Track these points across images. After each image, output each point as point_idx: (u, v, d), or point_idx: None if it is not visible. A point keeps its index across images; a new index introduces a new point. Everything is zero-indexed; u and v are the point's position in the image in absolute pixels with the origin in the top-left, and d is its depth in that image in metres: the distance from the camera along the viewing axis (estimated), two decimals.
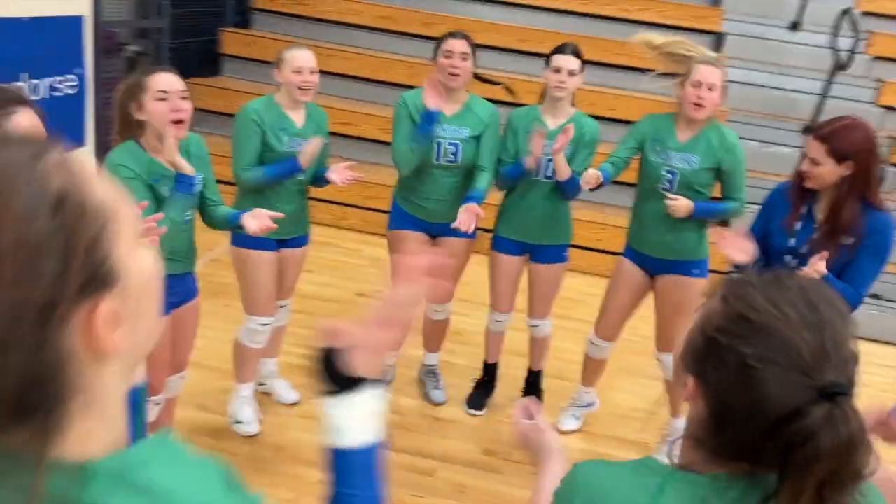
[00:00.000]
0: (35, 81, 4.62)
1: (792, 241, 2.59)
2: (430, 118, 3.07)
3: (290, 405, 3.51)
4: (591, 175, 3.03)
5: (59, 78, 4.84)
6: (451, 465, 3.25)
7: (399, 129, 3.23)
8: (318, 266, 5.14)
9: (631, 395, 3.94)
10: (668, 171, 3.02)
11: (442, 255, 2.47)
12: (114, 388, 0.66)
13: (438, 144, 3.20)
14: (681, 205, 2.91)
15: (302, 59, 2.99)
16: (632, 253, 3.25)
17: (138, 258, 0.66)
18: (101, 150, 5.49)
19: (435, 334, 3.65)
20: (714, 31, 7.02)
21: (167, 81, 2.40)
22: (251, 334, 3.19)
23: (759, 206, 2.76)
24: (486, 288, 3.60)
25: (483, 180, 3.25)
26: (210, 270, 4.68)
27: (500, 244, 3.41)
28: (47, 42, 4.64)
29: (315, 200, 5.92)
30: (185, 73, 6.96)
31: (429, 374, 3.72)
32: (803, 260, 2.53)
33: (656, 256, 3.16)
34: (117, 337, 0.63)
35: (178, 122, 2.40)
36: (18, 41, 4.40)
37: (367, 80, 6.71)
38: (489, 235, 3.52)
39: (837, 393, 0.83)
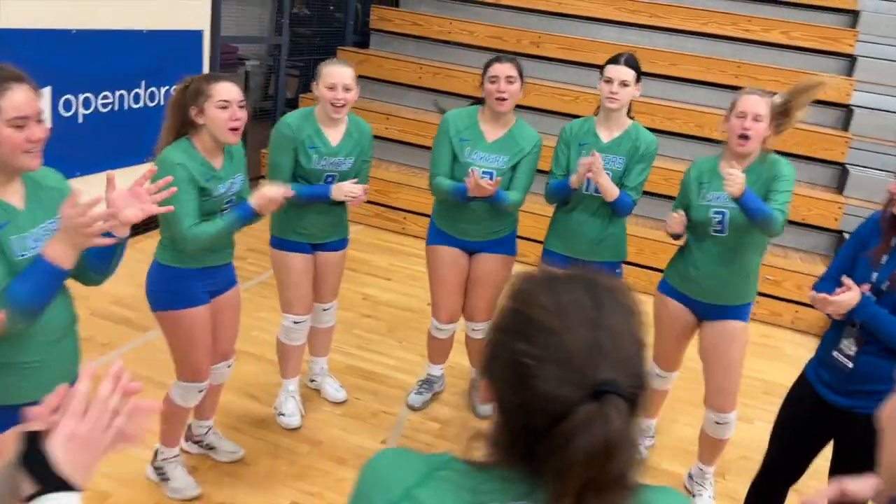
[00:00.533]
0: (152, 88, 5.05)
1: (875, 276, 2.33)
2: (465, 196, 3.09)
3: (335, 404, 3.57)
4: (676, 220, 2.87)
5: (167, 87, 5.26)
6: None
7: (439, 151, 3.22)
8: (401, 276, 5.23)
9: (694, 429, 3.69)
10: (717, 213, 2.82)
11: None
12: None
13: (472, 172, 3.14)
14: (738, 179, 2.62)
15: (337, 74, 2.96)
16: (676, 294, 3.02)
17: None
18: None
19: (476, 352, 3.60)
20: (845, 53, 6.50)
21: (229, 91, 2.50)
22: (287, 332, 3.28)
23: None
24: None
25: (512, 194, 3.18)
26: None
27: (550, 258, 3.31)
28: (166, 53, 5.06)
29: (413, 215, 6.09)
30: (304, 89, 7.32)
31: (475, 387, 3.65)
32: (882, 297, 2.25)
33: (705, 301, 2.94)
34: None
35: (235, 129, 2.53)
36: (138, 51, 4.83)
37: (478, 98, 6.77)
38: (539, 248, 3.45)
39: (605, 392, 0.77)
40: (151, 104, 5.08)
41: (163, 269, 2.61)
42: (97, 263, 1.92)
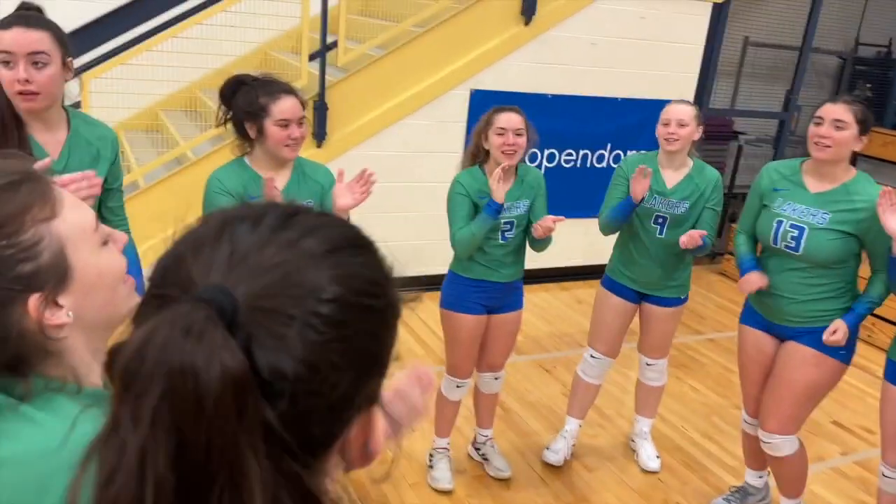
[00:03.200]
0: (618, 151, 5.47)
1: None
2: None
3: (645, 472, 3.34)
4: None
5: (644, 151, 5.54)
6: None
7: (748, 205, 2.76)
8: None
9: None
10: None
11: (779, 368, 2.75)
12: (76, 349, 0.87)
13: (778, 224, 2.58)
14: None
15: (672, 111, 2.95)
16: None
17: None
18: None
19: (778, 466, 2.87)
20: None
21: (507, 119, 2.80)
22: (583, 364, 3.28)
23: None
24: None
25: (875, 287, 2.49)
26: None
27: (892, 372, 2.49)
28: (640, 120, 5.40)
29: (882, 321, 4.98)
30: None
31: None
32: None
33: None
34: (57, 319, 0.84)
35: (507, 152, 2.79)
36: (610, 117, 5.31)
37: None
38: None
39: None
40: (615, 165, 5.47)
41: (450, 274, 3.01)
42: None
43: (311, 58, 4.57)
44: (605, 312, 3.20)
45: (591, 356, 3.25)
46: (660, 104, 5.52)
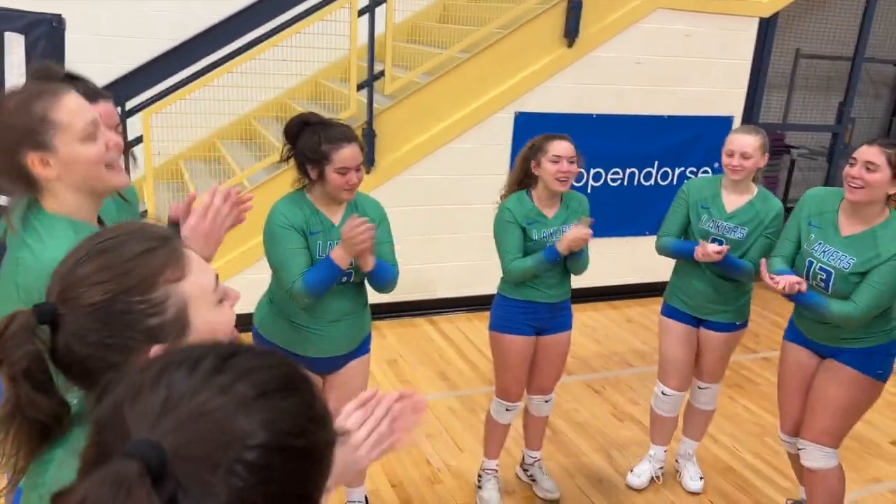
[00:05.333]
0: (666, 169, 5.45)
1: None
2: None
3: (689, 493, 3.33)
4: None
5: (692, 168, 5.52)
6: None
7: (789, 232, 2.76)
8: None
9: None
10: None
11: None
12: (63, 193, 1.42)
13: (809, 264, 2.60)
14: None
15: (737, 142, 2.94)
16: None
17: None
18: None
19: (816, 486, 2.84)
20: None
21: (563, 147, 2.81)
22: (655, 400, 3.29)
23: None
24: None
25: (845, 306, 2.52)
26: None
27: None
28: (688, 137, 5.39)
29: None
30: None
31: None
32: None
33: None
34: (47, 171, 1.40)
35: (561, 179, 2.82)
36: (656, 135, 5.31)
37: None
38: None
39: None
40: (663, 183, 5.47)
41: (498, 296, 3.05)
42: (372, 280, 2.56)
43: (360, 87, 4.71)
44: (669, 343, 3.21)
45: (663, 393, 3.25)
46: (708, 120, 5.55)
